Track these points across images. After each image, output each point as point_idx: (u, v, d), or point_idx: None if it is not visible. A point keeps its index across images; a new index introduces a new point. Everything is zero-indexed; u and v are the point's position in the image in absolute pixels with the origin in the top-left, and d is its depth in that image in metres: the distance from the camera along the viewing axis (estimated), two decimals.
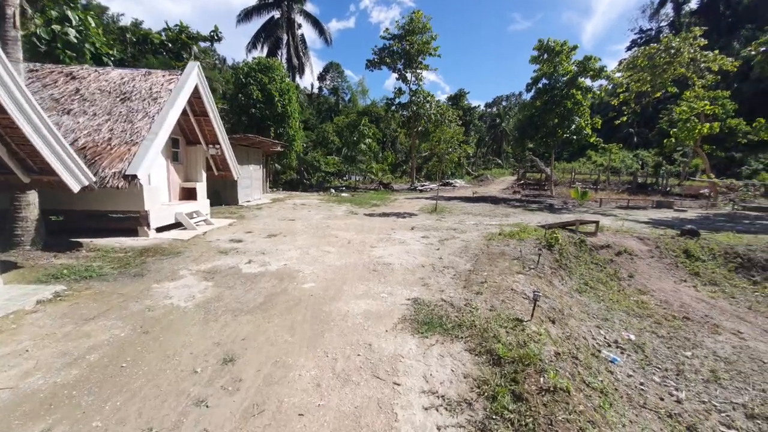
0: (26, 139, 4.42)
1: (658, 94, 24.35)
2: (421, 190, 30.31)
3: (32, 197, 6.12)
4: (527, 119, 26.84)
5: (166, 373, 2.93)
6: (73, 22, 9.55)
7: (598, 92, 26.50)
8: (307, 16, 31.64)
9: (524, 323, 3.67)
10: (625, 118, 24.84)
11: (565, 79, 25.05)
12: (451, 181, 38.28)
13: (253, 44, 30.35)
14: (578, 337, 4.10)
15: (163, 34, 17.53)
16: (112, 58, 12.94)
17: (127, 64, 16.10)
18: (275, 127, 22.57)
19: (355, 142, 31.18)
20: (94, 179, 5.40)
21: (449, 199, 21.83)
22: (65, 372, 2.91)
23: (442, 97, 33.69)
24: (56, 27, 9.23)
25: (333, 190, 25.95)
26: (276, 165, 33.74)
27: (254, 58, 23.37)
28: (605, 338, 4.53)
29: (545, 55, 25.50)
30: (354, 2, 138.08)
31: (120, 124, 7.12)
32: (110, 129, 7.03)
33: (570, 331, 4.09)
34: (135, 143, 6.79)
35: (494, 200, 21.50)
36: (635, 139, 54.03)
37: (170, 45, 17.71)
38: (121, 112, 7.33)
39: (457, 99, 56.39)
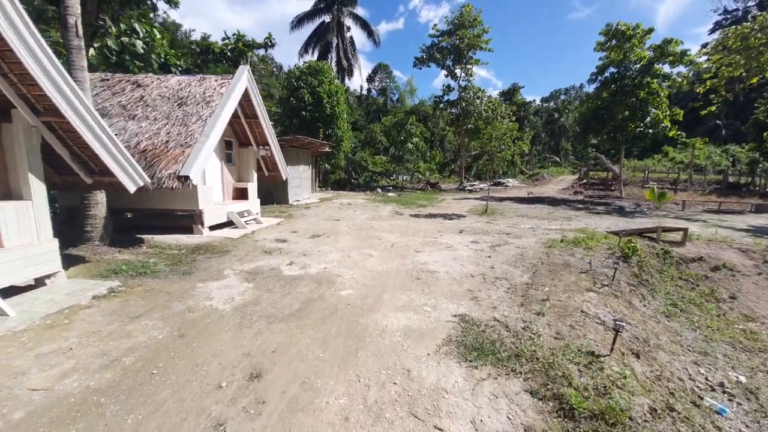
0: (86, 144, 4.67)
1: (755, 80, 20.60)
2: (470, 190, 29.07)
3: (100, 197, 6.62)
4: (591, 112, 24.34)
5: (192, 386, 2.77)
6: (141, 34, 10.44)
7: (679, 80, 23.22)
8: (356, 18, 31.95)
9: (601, 359, 2.98)
10: (713, 108, 21.43)
11: (637, 66, 22.31)
12: (502, 180, 36.30)
13: (305, 49, 31.40)
14: (671, 377, 3.28)
15: (221, 43, 18.62)
16: (180, 68, 14.05)
17: (194, 73, 17.46)
18: (324, 129, 23.02)
19: (402, 142, 30.82)
20: (149, 180, 5.63)
21: (501, 199, 20.54)
22: (100, 375, 2.88)
23: (494, 93, 31.99)
24: (125, 39, 10.16)
25: (380, 190, 25.86)
26: (326, 165, 34.67)
27: (304, 62, 24.08)
28: (707, 379, 3.61)
29: (613, 41, 22.95)
30: (403, 3, 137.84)
31: (176, 127, 7.49)
32: (167, 132, 7.42)
33: (660, 369, 3.28)
34: (189, 145, 7.08)
35: (552, 201, 19.79)
36: (723, 132, 46.90)
37: (228, 54, 18.77)
38: (177, 116, 7.73)
39: (510, 94, 53.44)
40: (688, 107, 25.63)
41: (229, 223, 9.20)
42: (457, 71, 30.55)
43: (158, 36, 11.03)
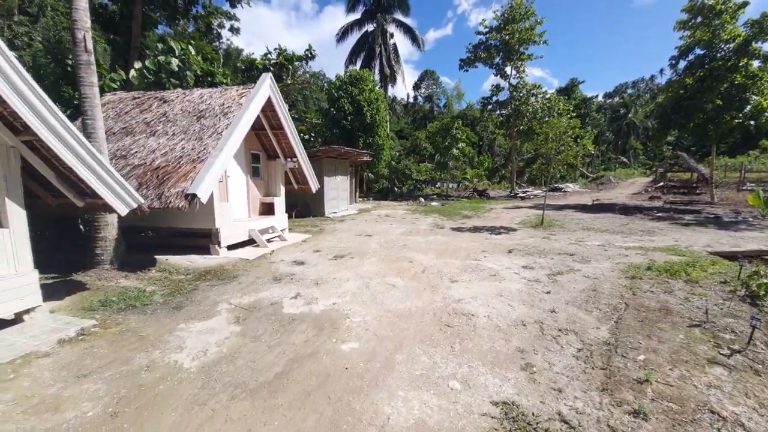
0: (69, 165, 4.16)
1: None
2: (522, 198, 26.50)
3: (111, 218, 6.31)
4: (672, 103, 20.74)
5: None
6: (176, 52, 10.58)
7: None
8: (400, 24, 31.30)
9: None
10: None
11: (731, 46, 18.55)
12: (560, 185, 32.84)
13: (350, 60, 31.43)
14: None
15: (264, 58, 18.92)
16: (226, 85, 14.35)
17: None
18: (365, 137, 22.42)
19: (446, 147, 29.21)
20: (142, 201, 5.07)
21: (560, 208, 18.08)
22: None
23: (550, 92, 29.17)
24: (161, 58, 10.33)
25: (422, 199, 24.53)
26: (369, 174, 34.22)
27: (346, 71, 23.83)
28: None
29: (699, 18, 19.45)
30: (451, 8, 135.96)
31: (191, 142, 7.06)
32: (182, 147, 7.01)
33: None
34: (201, 161, 6.57)
35: (624, 209, 16.90)
36: None
37: (271, 68, 18.99)
38: (195, 130, 7.33)
39: (568, 91, 49.06)
40: None
41: (252, 241, 8.62)
42: (508, 69, 28.34)
43: (193, 53, 11.13)
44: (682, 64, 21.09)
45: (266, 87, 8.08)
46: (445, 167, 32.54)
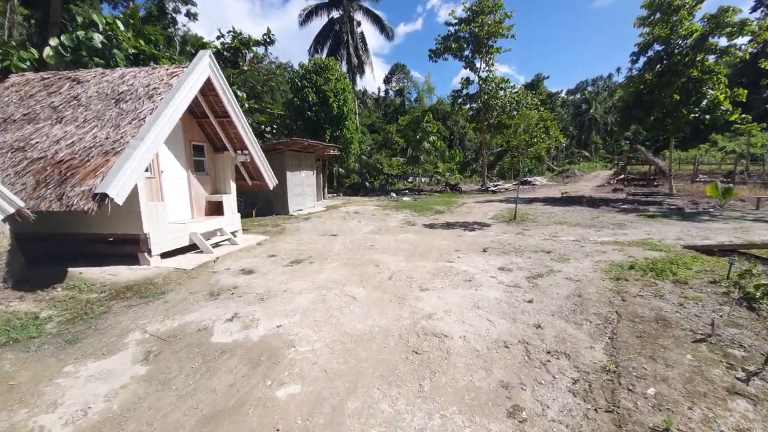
0: None
1: None
2: (493, 191, 26.51)
3: (0, 226, 5.00)
4: (633, 97, 21.25)
5: None
6: (100, 27, 9.02)
7: (740, 54, 19.76)
8: (367, 12, 30.13)
9: None
10: None
11: (688, 41, 19.15)
12: (529, 179, 33.32)
13: (315, 48, 29.89)
14: None
15: (217, 43, 17.26)
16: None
17: None
18: (332, 130, 21.30)
19: (418, 141, 28.64)
20: (21, 204, 3.91)
21: (530, 201, 18.01)
22: None
23: (518, 86, 29.38)
24: (80, 33, 8.75)
25: (394, 195, 23.83)
26: (339, 169, 33.02)
27: (310, 59, 22.53)
28: None
29: (658, 14, 19.94)
30: (421, 3, 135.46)
31: (105, 130, 5.82)
32: (94, 137, 5.75)
33: None
34: (117, 152, 5.36)
35: (591, 202, 17.06)
36: None
37: (225, 53, 17.38)
38: (111, 116, 6.06)
39: (534, 86, 50.07)
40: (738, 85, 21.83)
41: (196, 246, 7.47)
42: (477, 62, 28.10)
43: (121, 28, 9.58)
44: (642, 60, 21.65)
45: (204, 65, 6.92)
46: (416, 161, 32.02)
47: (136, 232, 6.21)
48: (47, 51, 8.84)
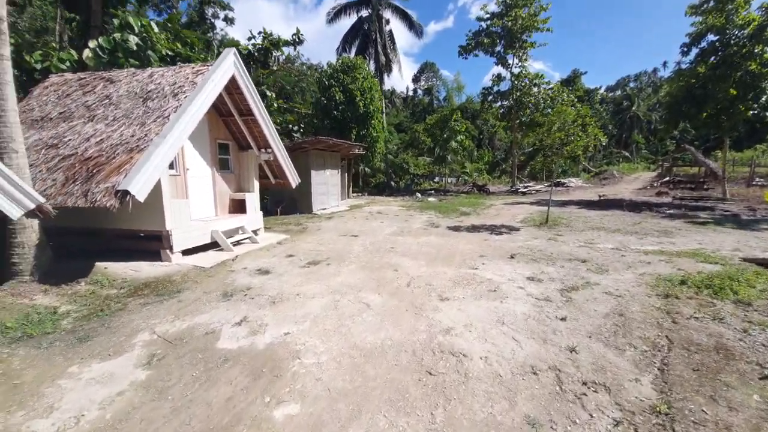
0: None
1: None
2: (523, 193, 25.41)
3: (29, 220, 5.18)
4: (683, 92, 19.53)
5: None
6: (136, 29, 9.37)
7: None
8: (396, 10, 29.81)
9: None
10: None
11: (745, 32, 17.34)
12: (563, 180, 31.70)
13: (343, 47, 29.99)
14: None
15: (248, 44, 17.62)
16: None
17: None
18: (358, 129, 21.20)
19: (445, 140, 27.95)
20: (41, 200, 3.95)
21: (563, 204, 16.99)
22: None
23: (553, 82, 28.04)
24: (117, 35, 9.12)
25: (419, 195, 23.41)
26: (365, 168, 32.95)
27: (338, 58, 22.56)
28: None
29: (711, 2, 18.23)
30: (452, 1, 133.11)
31: (132, 127, 5.92)
32: (121, 134, 5.86)
33: None
34: (141, 150, 5.42)
35: (632, 206, 15.81)
36: None
37: (256, 54, 17.70)
38: (138, 114, 6.17)
39: (570, 82, 47.58)
40: None
41: (217, 244, 7.51)
42: (509, 58, 27.00)
43: (156, 30, 9.89)
44: (693, 51, 19.89)
45: (229, 63, 6.90)
46: (443, 161, 31.30)
47: (158, 228, 6.29)
48: (86, 53, 9.29)
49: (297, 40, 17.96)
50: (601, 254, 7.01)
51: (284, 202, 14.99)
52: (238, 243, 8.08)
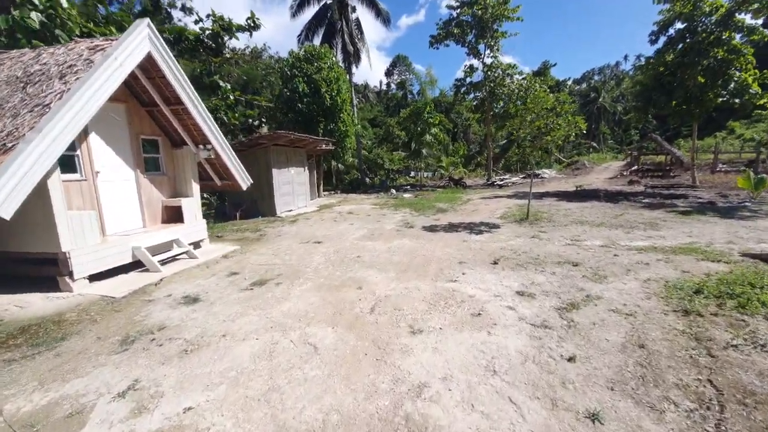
0: None
1: None
2: (500, 185, 24.97)
3: None
4: (653, 81, 19.53)
5: None
6: (39, 6, 7.68)
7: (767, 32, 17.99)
8: None
9: None
10: None
11: (713, 18, 17.43)
12: (538, 171, 31.67)
13: (306, 35, 28.21)
14: None
15: (196, 28, 15.83)
16: None
17: None
18: (325, 123, 19.85)
19: (419, 134, 27.07)
20: None
21: (541, 196, 16.49)
22: None
23: (525, 72, 27.74)
24: (16, 13, 7.42)
25: (393, 191, 22.39)
26: (338, 165, 31.56)
27: (300, 47, 21.03)
28: None
29: None
30: None
31: (2, 120, 4.46)
32: None
33: None
34: (7, 150, 4.01)
35: (609, 196, 15.52)
36: None
37: (206, 41, 15.94)
38: (14, 103, 4.71)
39: (540, 74, 47.91)
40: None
41: (141, 263, 6.13)
42: (481, 48, 26.36)
43: (65, 5, 8.20)
44: (662, 40, 19.95)
45: (140, 37, 5.50)
46: (418, 155, 30.49)
47: (51, 250, 4.89)
48: None
49: (252, 24, 16.25)
50: (591, 254, 6.23)
51: (244, 205, 13.53)
52: (174, 259, 6.73)
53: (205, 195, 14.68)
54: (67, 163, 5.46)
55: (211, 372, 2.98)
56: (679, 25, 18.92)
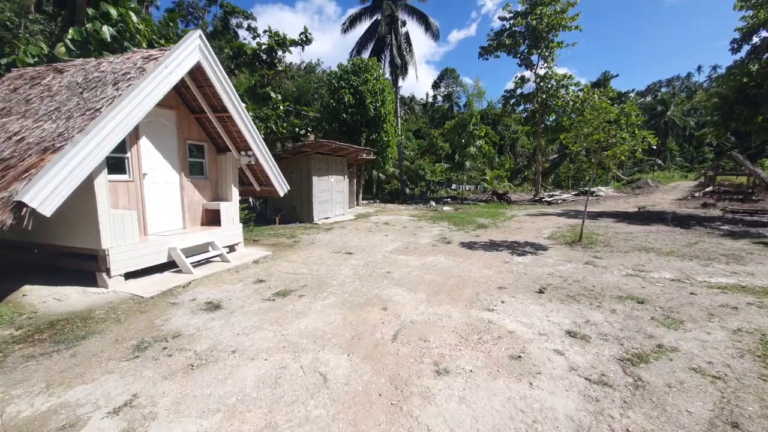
0: None
1: None
2: (548, 202, 23.33)
3: None
4: (736, 93, 17.22)
5: None
6: (113, 19, 8.45)
7: None
8: (412, 11, 28.62)
9: None
10: None
11: None
12: (593, 189, 29.25)
13: (357, 50, 28.98)
14: None
15: (253, 44, 16.75)
16: None
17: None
18: (368, 133, 19.92)
19: (463, 145, 26.31)
20: None
21: (595, 216, 14.99)
22: None
23: (583, 83, 25.95)
24: (89, 26, 8.22)
25: (433, 203, 21.80)
26: (379, 174, 31.65)
27: (349, 60, 21.48)
28: None
29: None
30: (475, 8, 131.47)
31: (57, 122, 4.76)
32: (42, 130, 4.71)
33: None
34: (56, 149, 4.23)
35: (678, 220, 13.66)
36: None
37: (263, 55, 16.80)
38: (70, 106, 5.02)
39: (600, 85, 44.78)
40: None
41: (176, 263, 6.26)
42: (534, 58, 25.15)
43: (135, 20, 8.94)
44: (745, 49, 17.65)
45: (191, 48, 5.70)
46: (461, 167, 29.68)
47: (92, 246, 5.09)
48: (59, 46, 8.46)
49: (305, 39, 16.90)
50: (660, 290, 5.28)
51: (283, 211, 13.82)
52: (207, 261, 6.83)
53: (250, 199, 15.24)
54: (117, 164, 5.76)
55: (211, 395, 2.74)
56: (764, 33, 16.67)
